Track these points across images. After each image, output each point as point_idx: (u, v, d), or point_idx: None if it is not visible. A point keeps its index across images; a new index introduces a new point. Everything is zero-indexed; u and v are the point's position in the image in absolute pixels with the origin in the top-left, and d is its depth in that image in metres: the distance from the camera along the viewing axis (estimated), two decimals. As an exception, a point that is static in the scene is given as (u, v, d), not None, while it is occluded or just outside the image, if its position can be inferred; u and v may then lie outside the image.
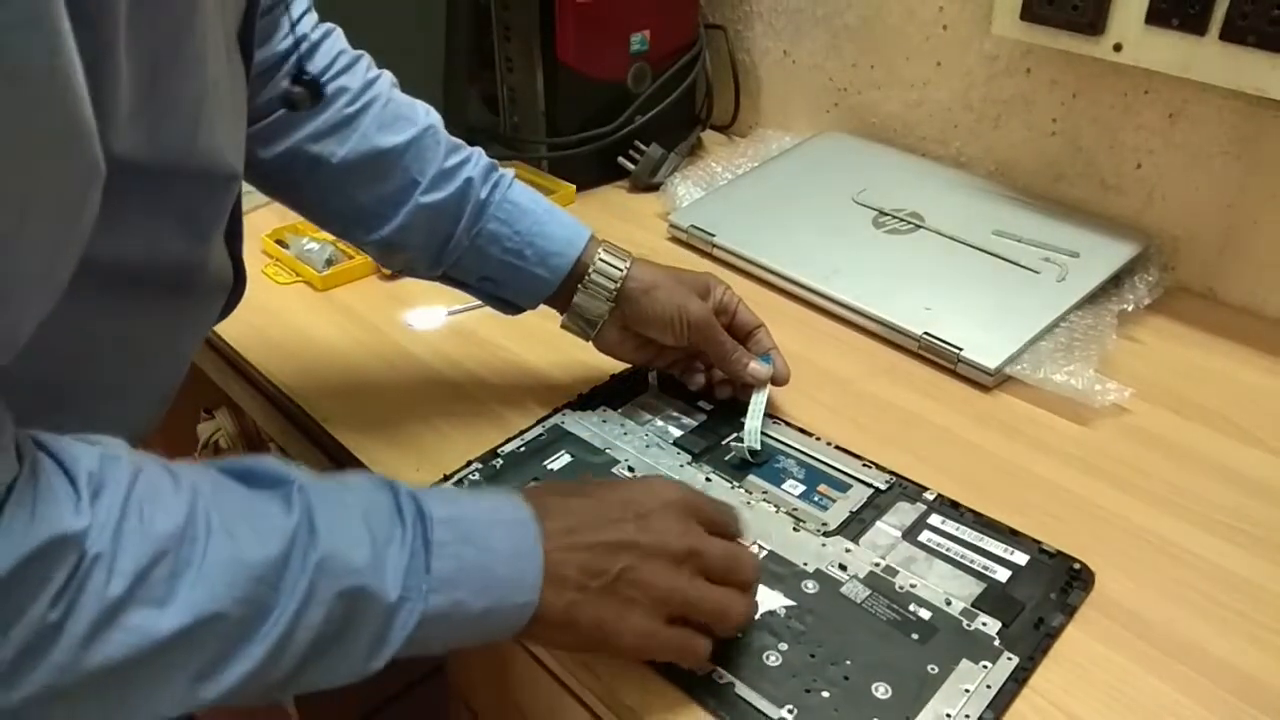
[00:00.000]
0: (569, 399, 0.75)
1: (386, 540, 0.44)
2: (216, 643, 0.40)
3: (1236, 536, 0.63)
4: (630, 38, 1.06)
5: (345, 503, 0.45)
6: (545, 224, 0.71)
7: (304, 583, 0.41)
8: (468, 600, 0.45)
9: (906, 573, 0.59)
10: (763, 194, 1.02)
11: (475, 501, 0.49)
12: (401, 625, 0.44)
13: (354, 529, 0.44)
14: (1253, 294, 0.88)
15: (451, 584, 0.45)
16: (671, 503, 0.52)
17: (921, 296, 0.84)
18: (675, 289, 0.71)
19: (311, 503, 0.43)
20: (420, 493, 0.47)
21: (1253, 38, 0.73)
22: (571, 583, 0.48)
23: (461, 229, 0.69)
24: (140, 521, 0.38)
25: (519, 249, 0.70)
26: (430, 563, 0.44)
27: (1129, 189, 0.93)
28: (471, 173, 0.70)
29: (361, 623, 0.43)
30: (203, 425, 1.44)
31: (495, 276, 0.71)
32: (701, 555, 0.51)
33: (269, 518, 0.42)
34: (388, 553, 0.44)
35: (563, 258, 0.70)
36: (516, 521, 0.48)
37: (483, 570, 0.46)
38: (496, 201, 0.70)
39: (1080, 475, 0.69)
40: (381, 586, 0.43)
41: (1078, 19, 0.81)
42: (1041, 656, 0.54)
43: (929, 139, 1.07)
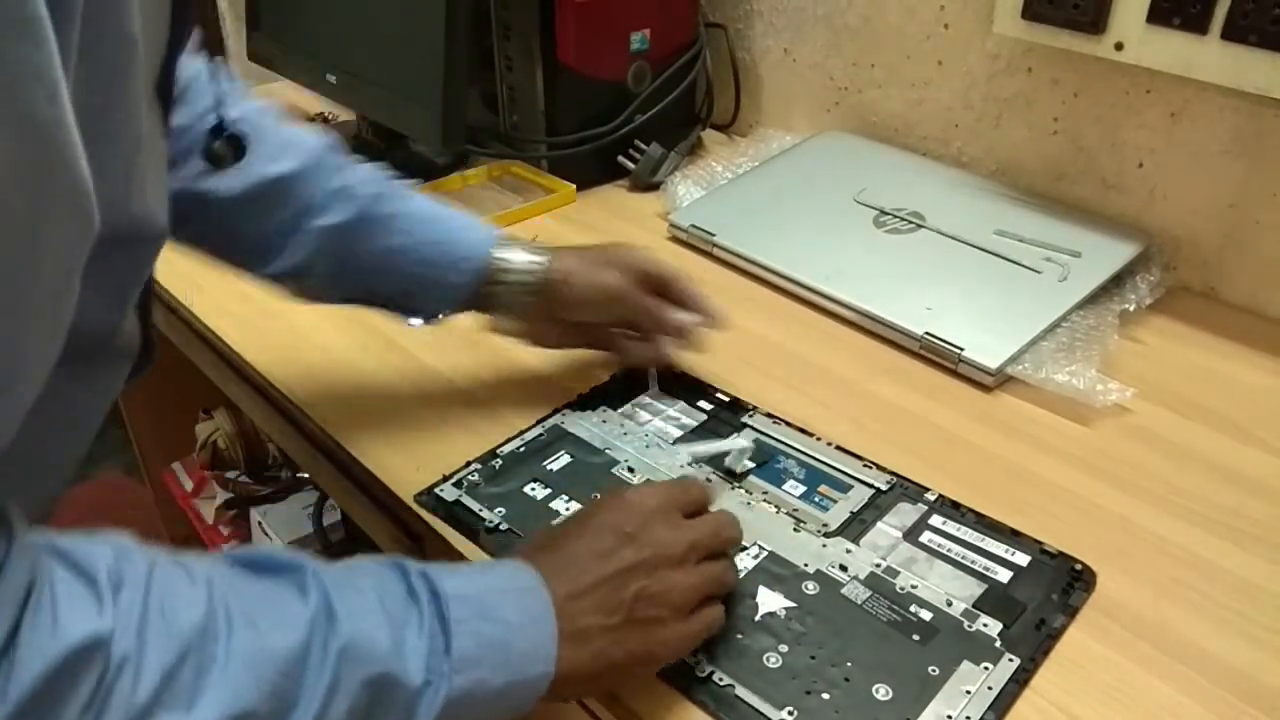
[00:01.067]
0: (569, 399, 0.75)
1: (404, 623, 0.43)
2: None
3: (1237, 536, 0.63)
4: (630, 37, 1.06)
5: (359, 586, 0.44)
6: (450, 229, 0.70)
7: (328, 673, 0.40)
8: (489, 678, 0.44)
9: (907, 574, 0.59)
10: (763, 194, 1.02)
11: (483, 574, 0.49)
12: (426, 710, 0.43)
13: (372, 613, 0.43)
14: (1254, 294, 0.88)
15: (473, 663, 0.44)
16: (652, 511, 0.52)
17: (922, 296, 0.83)
18: (592, 269, 0.71)
19: (327, 588, 0.42)
20: (429, 569, 0.46)
21: (1254, 37, 0.72)
22: (593, 632, 0.48)
23: (363, 248, 0.68)
24: (163, 619, 0.37)
25: (429, 258, 0.69)
26: (450, 643, 0.44)
27: (1130, 188, 0.92)
28: (366, 189, 0.68)
29: (387, 709, 0.42)
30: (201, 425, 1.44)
31: (407, 289, 0.70)
32: (698, 545, 0.52)
33: (286, 606, 0.41)
34: (406, 635, 0.43)
35: (473, 260, 0.69)
36: (526, 590, 0.48)
37: (502, 646, 0.45)
38: (397, 214, 0.69)
39: (1081, 475, 0.68)
40: (405, 671, 0.42)
41: (1079, 18, 0.81)
42: (1043, 658, 0.54)
43: (930, 138, 1.07)
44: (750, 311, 0.88)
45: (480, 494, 0.65)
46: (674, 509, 0.53)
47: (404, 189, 0.71)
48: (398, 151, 1.16)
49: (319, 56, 1.15)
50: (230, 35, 2.16)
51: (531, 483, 0.66)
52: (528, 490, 0.66)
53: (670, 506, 0.53)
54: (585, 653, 0.48)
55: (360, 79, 1.10)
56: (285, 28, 1.21)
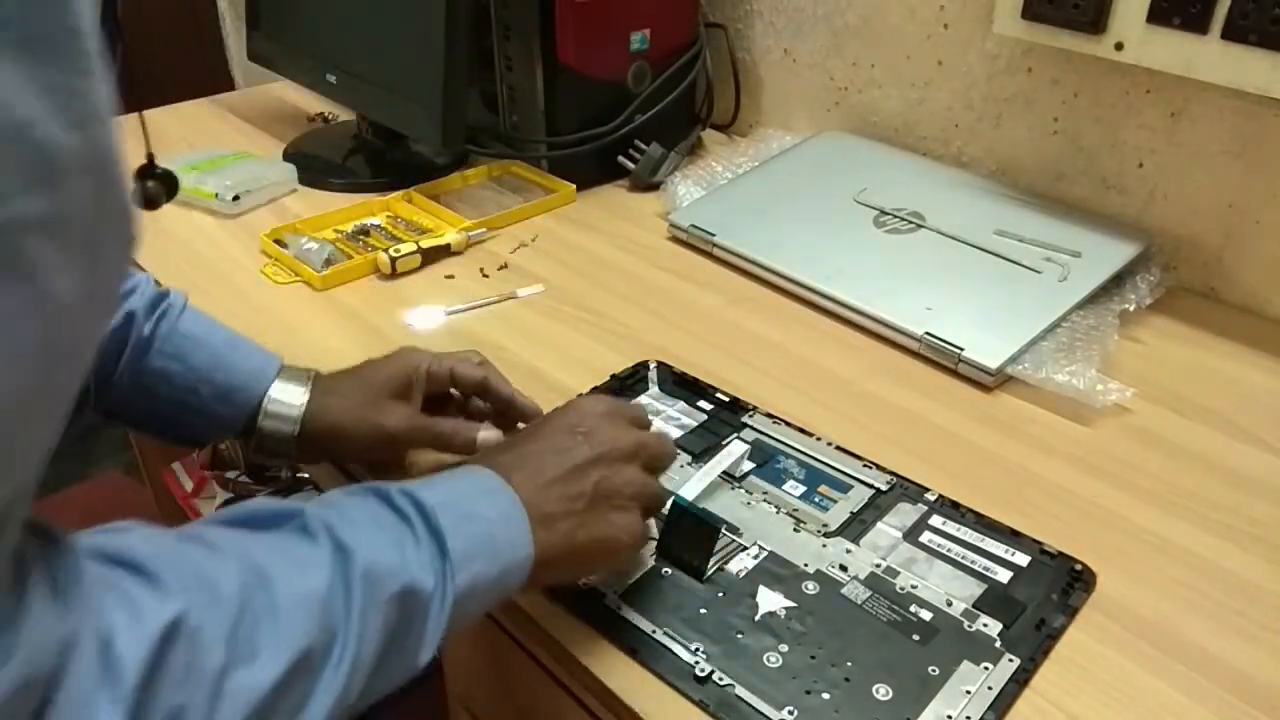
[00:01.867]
0: (569, 399, 0.74)
1: (402, 540, 0.46)
2: (304, 680, 0.40)
3: (1236, 536, 0.63)
4: (630, 37, 1.06)
5: (353, 518, 0.45)
6: (225, 356, 0.65)
7: (358, 599, 0.42)
8: (484, 569, 0.47)
9: (907, 574, 0.59)
10: (763, 193, 1.02)
11: (454, 482, 0.51)
12: (439, 611, 0.45)
13: (375, 538, 0.45)
14: (1254, 294, 0.88)
15: (469, 559, 0.47)
16: (604, 414, 0.57)
17: (922, 296, 0.83)
18: (364, 417, 0.65)
19: (330, 525, 0.44)
20: (406, 488, 0.48)
21: (1254, 37, 0.72)
22: (559, 516, 0.52)
23: (121, 368, 0.63)
24: (210, 589, 0.38)
25: (192, 385, 0.64)
26: (445, 546, 0.46)
27: (1130, 188, 0.92)
28: (135, 305, 0.64)
29: (411, 620, 0.45)
30: (202, 425, 1.43)
31: (170, 416, 0.65)
32: (645, 447, 0.57)
33: (302, 551, 0.43)
34: (407, 550, 0.45)
35: (247, 392, 0.64)
36: (493, 489, 0.51)
37: (488, 538, 0.48)
38: (163, 335, 0.64)
39: (1081, 475, 0.68)
40: (418, 580, 0.45)
41: (1079, 18, 0.81)
42: (1043, 658, 0.54)
43: (930, 138, 1.07)
44: (750, 311, 0.88)
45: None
46: (623, 416, 0.58)
47: (182, 304, 0.67)
48: (398, 151, 1.16)
49: (319, 56, 1.15)
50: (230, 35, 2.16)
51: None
52: (528, 490, 0.66)
53: (617, 413, 0.58)
54: (555, 534, 0.51)
55: (360, 79, 1.10)
56: (285, 28, 1.21)
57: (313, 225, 1.01)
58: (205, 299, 0.88)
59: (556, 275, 0.93)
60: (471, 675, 0.75)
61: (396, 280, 0.92)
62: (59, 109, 0.28)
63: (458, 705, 0.78)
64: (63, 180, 0.28)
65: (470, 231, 0.98)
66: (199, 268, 0.94)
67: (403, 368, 0.67)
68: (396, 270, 0.92)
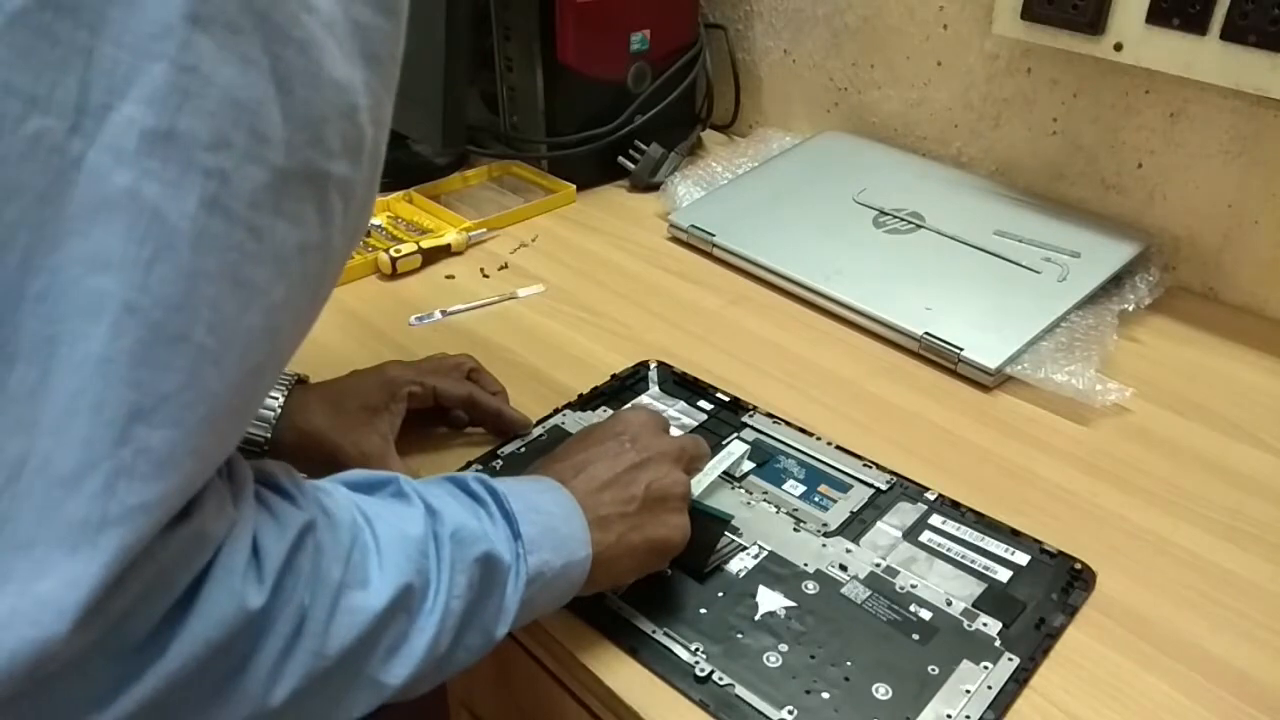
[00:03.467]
0: (569, 399, 0.75)
1: (480, 515, 0.48)
2: (405, 618, 0.43)
3: (1236, 536, 0.63)
4: (630, 37, 1.06)
5: (438, 492, 0.48)
6: None
7: (448, 553, 0.45)
8: (550, 559, 0.49)
9: (907, 573, 0.59)
10: (763, 194, 1.02)
11: (517, 481, 0.53)
12: (515, 588, 0.48)
13: (460, 509, 0.48)
14: (1253, 294, 0.88)
15: (537, 544, 0.49)
16: (646, 422, 0.59)
17: (922, 296, 0.84)
18: (329, 437, 0.65)
19: (420, 491, 0.47)
20: (480, 476, 0.51)
21: (1253, 37, 0.72)
22: (614, 519, 0.53)
23: None
24: (329, 517, 0.42)
25: None
26: (518, 529, 0.49)
27: (1130, 189, 0.93)
28: None
29: (492, 587, 0.47)
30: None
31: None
32: (686, 450, 0.59)
33: (400, 507, 0.46)
34: (486, 525, 0.48)
35: None
36: (552, 488, 0.53)
37: (552, 531, 0.50)
38: None
39: (1081, 475, 0.68)
40: (499, 551, 0.47)
41: (1078, 18, 0.81)
42: (1042, 657, 0.54)
43: (929, 139, 1.07)
44: (750, 311, 0.88)
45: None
46: (660, 425, 0.60)
47: None
48: (398, 151, 1.16)
49: (319, 57, 1.14)
50: (230, 35, 2.16)
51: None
52: (528, 490, 0.66)
53: (657, 422, 0.60)
54: (610, 535, 0.53)
55: (360, 79, 1.10)
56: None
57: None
58: (206, 299, 0.88)
59: (556, 275, 0.93)
60: (473, 675, 0.75)
61: (397, 280, 0.92)
62: (374, 107, 0.37)
63: (459, 705, 0.78)
64: (360, 157, 0.37)
65: (470, 231, 0.98)
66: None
67: (380, 392, 0.67)
68: (397, 270, 0.92)
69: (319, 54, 0.33)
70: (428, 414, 0.70)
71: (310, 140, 0.34)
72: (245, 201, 0.33)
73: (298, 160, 0.34)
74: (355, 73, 0.35)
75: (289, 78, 0.33)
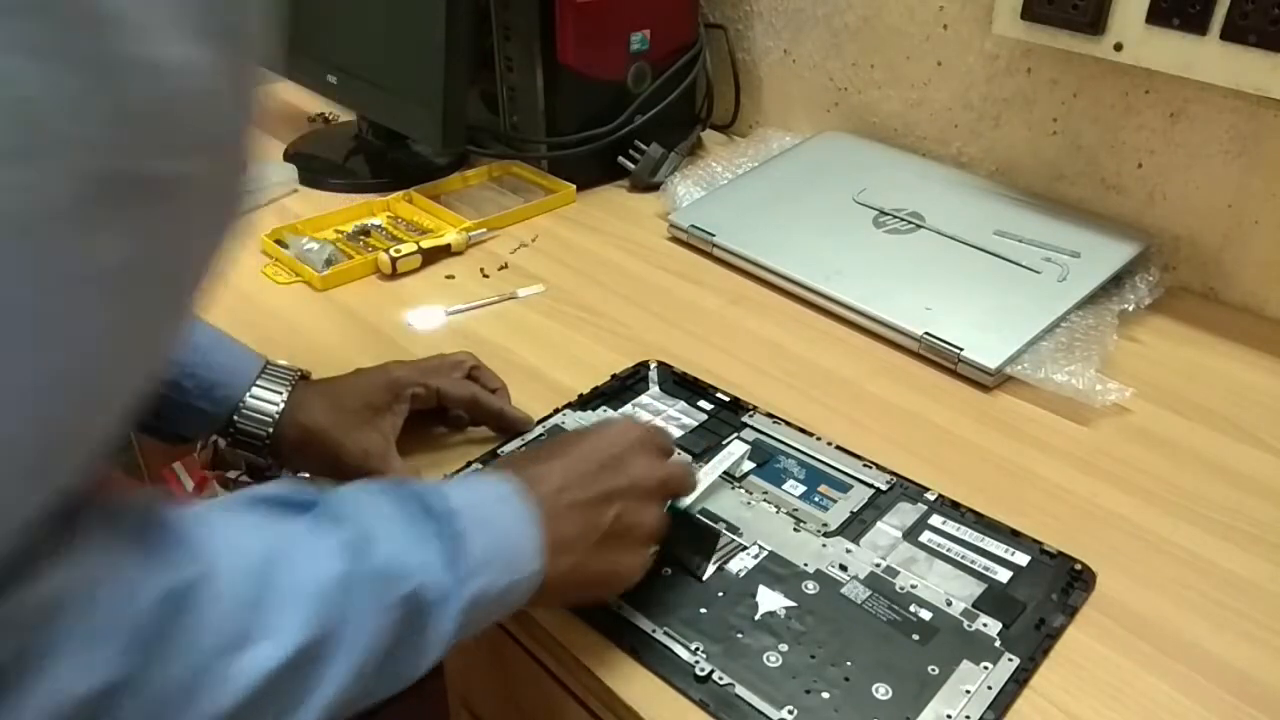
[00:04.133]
0: (569, 399, 0.75)
1: (424, 537, 0.45)
2: (309, 671, 0.39)
3: (1236, 536, 0.63)
4: (630, 37, 1.06)
5: (377, 507, 0.45)
6: (209, 352, 0.65)
7: (368, 595, 0.41)
8: (495, 580, 0.47)
9: (907, 573, 0.59)
10: (763, 194, 1.02)
11: (473, 487, 0.50)
12: (450, 617, 0.45)
13: (399, 534, 0.44)
14: (1253, 294, 0.88)
15: (482, 567, 0.46)
16: (638, 441, 0.56)
17: (922, 296, 0.84)
18: (329, 436, 0.65)
19: (354, 514, 0.44)
20: (431, 488, 0.48)
21: (1253, 37, 0.72)
22: (574, 542, 0.51)
23: None
24: (225, 561, 0.38)
25: (176, 380, 0.64)
26: (463, 550, 0.46)
27: (1130, 189, 0.92)
28: None
29: (421, 622, 0.44)
30: (202, 425, 1.44)
31: (152, 410, 0.64)
32: (667, 484, 0.56)
33: (324, 538, 0.42)
34: (428, 549, 0.45)
35: (229, 388, 0.65)
36: (512, 496, 0.50)
37: (501, 550, 0.48)
38: None
39: (1081, 475, 0.68)
40: (433, 583, 0.44)
41: (1078, 18, 0.81)
42: (1042, 658, 0.54)
43: (929, 139, 1.07)
44: (750, 311, 0.88)
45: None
46: (652, 444, 0.57)
47: None
48: (398, 151, 1.16)
49: (319, 56, 1.15)
50: (230, 35, 2.16)
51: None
52: (528, 490, 0.66)
53: (650, 443, 0.57)
54: (564, 562, 0.50)
55: (360, 79, 1.10)
56: (285, 28, 1.21)
57: (313, 225, 1.01)
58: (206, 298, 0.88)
59: (556, 275, 0.93)
60: (472, 675, 0.75)
61: (397, 280, 0.92)
62: (227, 91, 0.31)
63: (458, 705, 0.78)
64: (208, 150, 0.31)
65: (470, 232, 0.98)
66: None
67: (384, 393, 0.67)
68: (397, 270, 0.92)
69: (136, 35, 0.28)
70: (429, 413, 0.71)
71: (134, 138, 0.28)
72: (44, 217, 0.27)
73: (115, 163, 0.28)
74: (193, 52, 0.29)
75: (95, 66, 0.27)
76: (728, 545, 0.61)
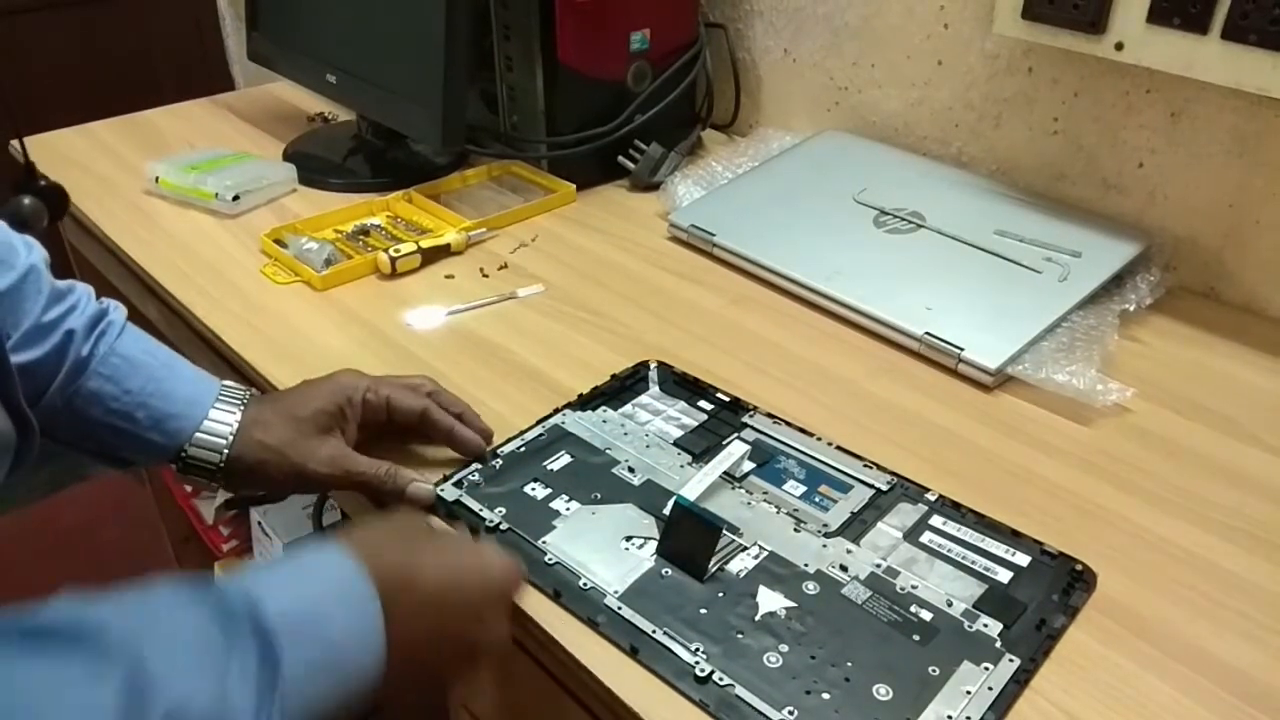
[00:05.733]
0: (569, 399, 0.75)
1: (226, 667, 0.41)
2: None
3: (1237, 536, 0.63)
4: (630, 36, 1.06)
5: (174, 634, 0.40)
6: (163, 381, 0.63)
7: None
8: (321, 692, 0.44)
9: (908, 574, 0.59)
10: (763, 193, 1.02)
11: (309, 580, 0.47)
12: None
13: (191, 667, 0.40)
14: (1254, 294, 0.88)
15: (302, 683, 0.43)
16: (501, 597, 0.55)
17: (922, 296, 0.83)
18: (285, 453, 0.63)
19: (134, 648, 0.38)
20: (250, 589, 0.44)
21: (1254, 37, 0.72)
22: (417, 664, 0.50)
23: (54, 389, 0.60)
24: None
25: (127, 410, 0.62)
26: (278, 675, 0.42)
27: (1131, 188, 0.92)
28: (74, 324, 0.61)
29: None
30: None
31: (100, 439, 0.63)
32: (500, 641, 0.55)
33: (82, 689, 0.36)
34: (229, 681, 0.40)
35: (183, 420, 0.63)
36: (357, 600, 0.47)
37: (328, 665, 0.45)
38: (100, 356, 0.62)
39: (1081, 475, 0.68)
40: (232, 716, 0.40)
41: (1079, 18, 0.81)
42: (1043, 658, 0.54)
43: (930, 138, 1.07)
44: (750, 311, 0.88)
45: (480, 494, 0.65)
46: (512, 595, 0.56)
47: (120, 323, 0.65)
48: (398, 151, 1.16)
49: (319, 56, 1.15)
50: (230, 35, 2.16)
51: (532, 483, 0.66)
52: (528, 490, 0.66)
53: (512, 592, 0.56)
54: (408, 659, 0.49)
55: (360, 79, 1.10)
56: (285, 28, 1.21)
57: (313, 225, 1.01)
58: (205, 299, 0.88)
59: (556, 275, 0.93)
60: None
61: (396, 280, 0.92)
62: None
63: (458, 705, 0.78)
64: None
65: (470, 231, 0.98)
66: (199, 268, 0.94)
67: (335, 397, 0.65)
68: (396, 270, 0.92)
69: None
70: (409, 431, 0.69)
71: None
72: None
73: None
74: None
75: None
76: (728, 545, 0.61)
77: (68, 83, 1.97)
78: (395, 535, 0.53)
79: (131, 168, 1.13)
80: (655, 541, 0.61)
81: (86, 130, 1.25)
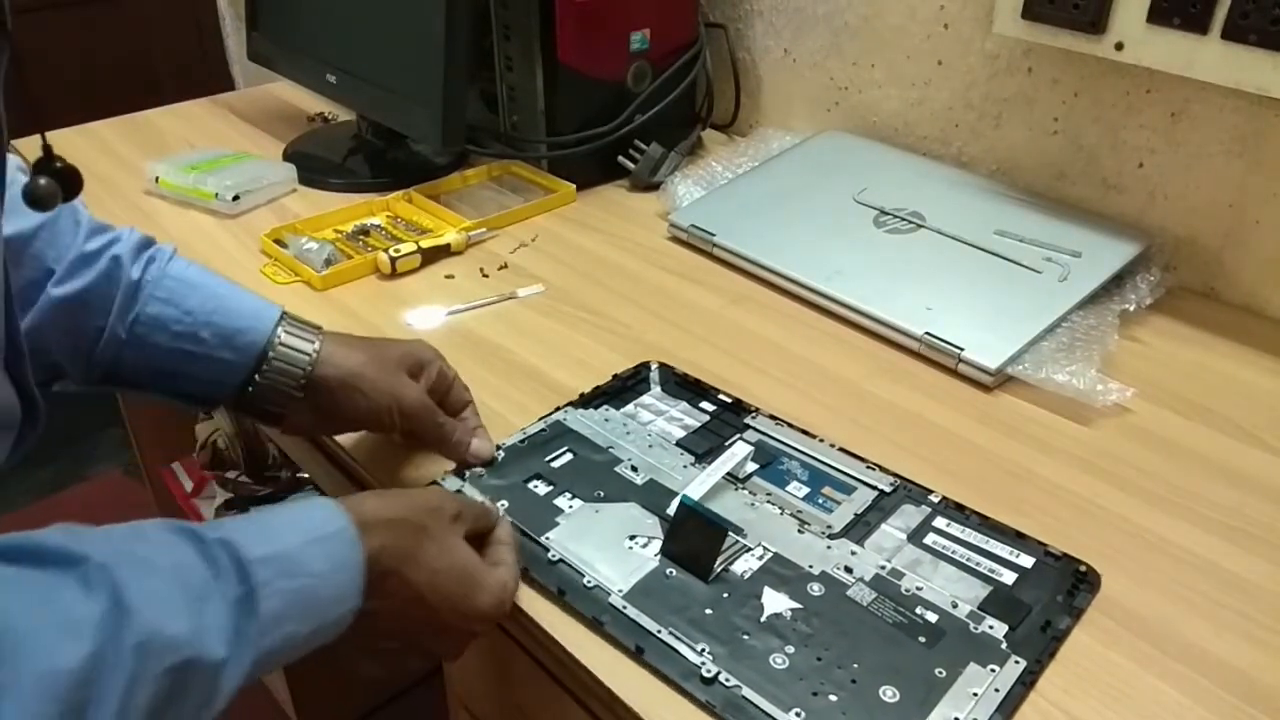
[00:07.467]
0: (569, 399, 0.75)
1: (204, 597, 0.41)
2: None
3: (1237, 536, 0.63)
4: (630, 36, 1.06)
5: (154, 566, 0.41)
6: (224, 298, 0.62)
7: (124, 673, 0.37)
8: (296, 629, 0.45)
9: (912, 575, 0.59)
10: (763, 193, 1.02)
11: (292, 525, 0.47)
12: (231, 677, 0.42)
13: (168, 596, 0.40)
14: (1254, 294, 0.88)
15: (279, 620, 0.44)
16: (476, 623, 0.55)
17: (922, 296, 0.84)
18: (381, 377, 0.62)
19: (116, 579, 0.39)
20: (230, 530, 0.45)
21: (1254, 37, 0.72)
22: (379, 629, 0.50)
23: (113, 319, 0.59)
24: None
25: (192, 331, 0.60)
26: (256, 607, 0.43)
27: (1131, 188, 0.93)
28: (119, 250, 0.60)
29: (191, 689, 0.40)
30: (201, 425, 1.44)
31: (170, 369, 0.61)
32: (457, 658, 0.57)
33: (72, 608, 0.38)
34: (208, 611, 0.41)
35: (253, 334, 0.61)
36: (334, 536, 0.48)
37: (307, 598, 0.45)
38: (154, 279, 0.60)
39: (1082, 475, 0.68)
40: (207, 649, 0.41)
41: (1079, 18, 0.81)
42: (1049, 660, 0.54)
43: (930, 138, 1.07)
44: (750, 311, 0.88)
45: (483, 485, 0.66)
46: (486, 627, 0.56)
47: (171, 250, 0.63)
48: (398, 151, 1.16)
49: (319, 56, 1.14)
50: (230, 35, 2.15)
51: (534, 479, 0.66)
52: (530, 486, 0.66)
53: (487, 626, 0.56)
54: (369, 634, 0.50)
55: (360, 79, 1.10)
56: (285, 28, 1.21)
57: (313, 225, 1.00)
58: (206, 300, 0.88)
59: (556, 275, 0.93)
60: (472, 676, 0.75)
61: (396, 280, 0.92)
62: None
63: (458, 706, 0.78)
64: None
65: (470, 231, 0.98)
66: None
67: (419, 355, 0.66)
68: (396, 270, 0.92)
69: None
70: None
71: None
72: None
73: None
74: None
75: None
76: (733, 546, 0.61)
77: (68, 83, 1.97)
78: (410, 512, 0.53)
79: (132, 168, 1.13)
80: (659, 541, 0.61)
81: (87, 130, 1.25)
